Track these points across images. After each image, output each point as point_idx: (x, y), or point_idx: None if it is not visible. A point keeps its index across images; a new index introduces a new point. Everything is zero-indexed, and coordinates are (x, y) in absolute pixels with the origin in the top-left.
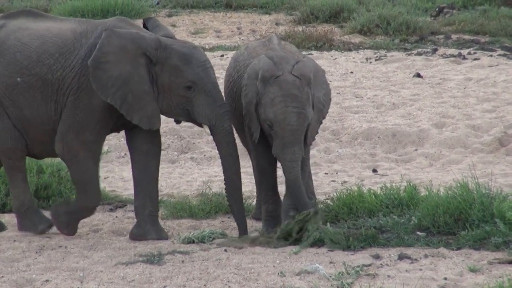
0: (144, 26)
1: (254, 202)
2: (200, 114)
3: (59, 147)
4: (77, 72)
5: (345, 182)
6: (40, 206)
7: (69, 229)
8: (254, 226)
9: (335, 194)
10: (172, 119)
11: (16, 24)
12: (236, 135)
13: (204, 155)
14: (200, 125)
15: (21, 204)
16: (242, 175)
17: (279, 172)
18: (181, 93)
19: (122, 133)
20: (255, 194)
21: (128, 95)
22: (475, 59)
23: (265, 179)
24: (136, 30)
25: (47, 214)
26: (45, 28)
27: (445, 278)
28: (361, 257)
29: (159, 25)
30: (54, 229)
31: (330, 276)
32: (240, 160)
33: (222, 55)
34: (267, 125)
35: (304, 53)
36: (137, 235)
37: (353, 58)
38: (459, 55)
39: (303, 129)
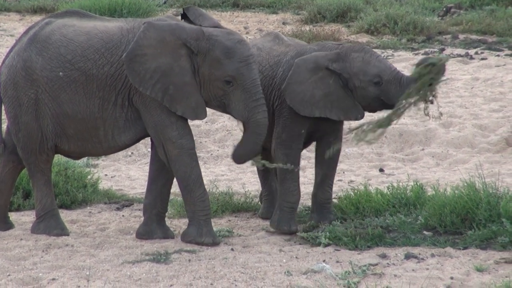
0: (185, 15)
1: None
2: (234, 109)
3: (158, 151)
4: None
5: (352, 181)
6: None
7: None
8: (261, 225)
9: (342, 193)
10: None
11: (62, 21)
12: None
13: (211, 154)
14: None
15: (41, 208)
16: (249, 174)
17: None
18: (219, 85)
19: None
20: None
21: (170, 86)
22: (482, 59)
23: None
24: (176, 21)
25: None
26: (91, 25)
27: (452, 278)
28: (367, 257)
29: (202, 14)
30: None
31: (337, 275)
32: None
33: None
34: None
35: None
36: (143, 234)
37: None
38: (466, 55)
39: None
